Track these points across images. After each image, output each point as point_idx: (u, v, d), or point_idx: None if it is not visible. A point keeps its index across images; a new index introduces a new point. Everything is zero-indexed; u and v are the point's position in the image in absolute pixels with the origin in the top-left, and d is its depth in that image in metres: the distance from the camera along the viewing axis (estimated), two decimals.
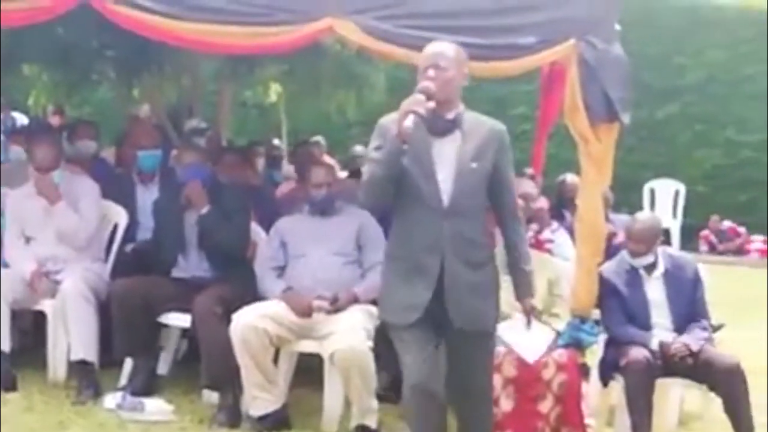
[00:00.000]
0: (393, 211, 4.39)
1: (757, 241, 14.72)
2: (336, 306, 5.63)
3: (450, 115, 4.29)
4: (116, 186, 6.97)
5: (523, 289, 4.47)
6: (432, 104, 4.13)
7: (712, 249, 14.66)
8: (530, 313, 4.49)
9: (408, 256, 4.33)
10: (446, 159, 4.27)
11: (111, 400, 5.81)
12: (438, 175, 4.26)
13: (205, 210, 6.11)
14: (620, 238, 6.29)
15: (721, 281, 5.97)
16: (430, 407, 4.32)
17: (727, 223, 14.91)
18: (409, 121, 4.06)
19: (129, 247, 6.71)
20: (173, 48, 7.52)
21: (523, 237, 4.52)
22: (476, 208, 4.32)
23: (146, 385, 5.98)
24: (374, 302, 5.74)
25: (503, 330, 4.83)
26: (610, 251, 6.01)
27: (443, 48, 4.33)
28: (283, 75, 11.78)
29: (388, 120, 4.27)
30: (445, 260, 4.24)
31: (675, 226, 13.77)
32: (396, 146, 4.12)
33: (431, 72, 4.21)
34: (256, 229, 6.49)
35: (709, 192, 15.32)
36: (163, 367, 6.40)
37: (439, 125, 4.28)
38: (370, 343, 5.44)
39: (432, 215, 4.25)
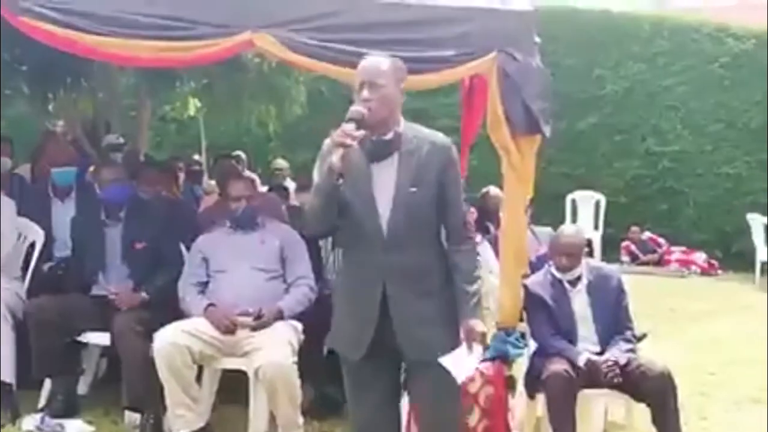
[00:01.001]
0: (338, 241, 4.24)
1: (677, 251, 14.92)
2: (260, 322, 5.59)
3: (388, 136, 3.97)
4: (32, 203, 6.84)
5: (463, 310, 4.06)
6: (362, 133, 3.81)
7: (634, 259, 14.83)
8: (470, 336, 4.02)
9: (352, 289, 4.12)
10: (384, 185, 3.97)
11: (30, 421, 5.73)
12: (377, 204, 3.97)
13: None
14: (543, 250, 6.30)
15: (641, 291, 6.01)
16: None
17: (647, 234, 15.09)
18: (336, 158, 3.77)
19: (46, 266, 6.58)
20: (89, 62, 7.42)
21: (468, 257, 4.12)
22: (421, 235, 4.02)
23: (66, 406, 5.88)
24: (298, 317, 5.73)
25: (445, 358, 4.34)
26: (533, 264, 6.01)
27: (378, 63, 4.00)
28: (203, 89, 11.73)
29: (329, 142, 3.94)
30: (388, 291, 3.98)
31: (596, 237, 13.89)
32: (329, 179, 3.82)
33: (365, 92, 3.90)
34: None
35: (629, 202, 15.49)
36: (83, 387, 6.29)
37: (376, 149, 3.97)
38: (295, 359, 5.39)
39: (372, 246, 3.98)
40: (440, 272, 4.09)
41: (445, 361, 4.00)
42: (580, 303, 5.57)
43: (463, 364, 4.04)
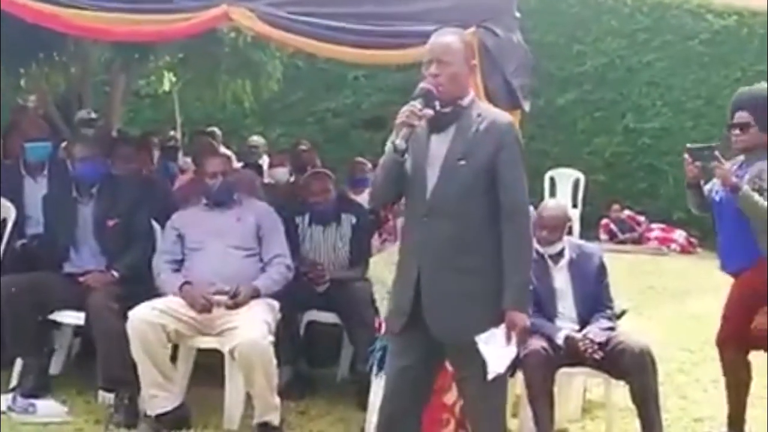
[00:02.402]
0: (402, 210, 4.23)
1: (656, 229, 14.94)
2: (236, 300, 5.52)
3: (447, 109, 4.00)
4: (3, 179, 6.73)
5: (505, 297, 3.93)
6: (428, 112, 3.91)
7: (613, 237, 14.84)
8: (511, 327, 3.91)
9: (400, 260, 4.14)
10: (437, 156, 4.00)
11: (1, 401, 5.62)
12: (427, 173, 4.00)
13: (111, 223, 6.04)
14: None
15: (620, 269, 6.00)
16: (397, 419, 4.15)
17: (626, 212, 15.10)
18: (401, 137, 3.88)
19: (18, 243, 6.49)
20: (62, 36, 7.31)
21: (518, 243, 3.95)
22: (466, 209, 3.95)
23: (38, 386, 5.79)
24: (275, 296, 5.67)
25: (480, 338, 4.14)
26: None
27: (448, 41, 4.06)
28: (178, 64, 11.64)
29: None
30: (424, 263, 3.99)
31: (575, 216, 13.88)
32: (392, 156, 3.95)
33: (434, 68, 3.98)
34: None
35: (608, 180, 15.50)
36: (56, 367, 6.23)
37: (435, 121, 4.00)
38: (272, 338, 5.33)
39: (416, 215, 4.03)
40: (486, 251, 3.98)
41: (481, 344, 3.87)
42: (561, 280, 5.54)
43: (498, 352, 3.90)
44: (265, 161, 10.49)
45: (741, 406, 5.62)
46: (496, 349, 3.89)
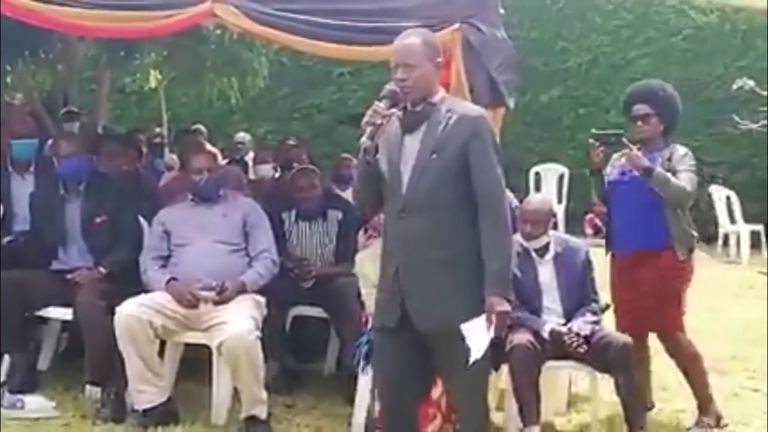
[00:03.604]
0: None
1: None
2: (222, 296, 5.55)
3: (418, 108, 4.10)
4: None
5: (485, 284, 3.99)
6: (392, 111, 4.02)
7: (597, 232, 14.85)
8: (490, 312, 3.96)
9: (381, 258, 4.23)
10: (410, 154, 4.08)
11: None
12: (402, 172, 4.08)
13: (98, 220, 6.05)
14: None
15: (605, 263, 6.05)
16: (393, 411, 4.26)
17: None
18: (366, 136, 3.98)
19: (5, 240, 6.49)
20: (48, 33, 7.31)
21: (494, 230, 4.01)
22: (441, 202, 4.03)
23: (26, 382, 5.81)
24: (261, 291, 5.69)
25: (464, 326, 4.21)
26: None
27: (410, 43, 4.14)
28: (164, 61, 11.62)
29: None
30: (404, 259, 4.07)
31: (560, 211, 13.92)
32: (363, 156, 4.07)
33: (400, 73, 4.05)
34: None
35: None
36: (43, 363, 6.24)
37: (407, 121, 4.11)
38: (258, 333, 5.35)
39: (395, 212, 4.10)
40: (464, 243, 4.05)
41: (465, 329, 3.95)
42: (546, 274, 5.59)
43: (480, 337, 3.97)
44: (251, 157, 10.50)
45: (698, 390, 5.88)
46: (478, 335, 3.96)
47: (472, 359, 3.95)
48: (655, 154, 5.81)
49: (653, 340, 6.01)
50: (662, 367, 6.19)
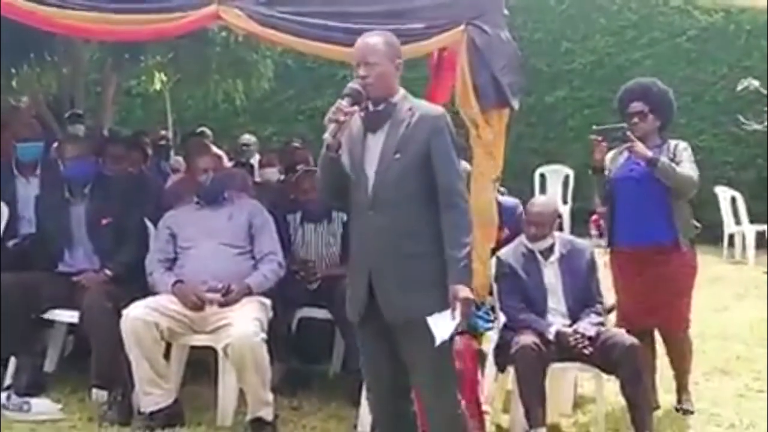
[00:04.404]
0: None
1: None
2: (228, 298, 5.55)
3: (380, 107, 4.22)
4: None
5: (449, 274, 4.10)
6: (354, 109, 4.13)
7: (603, 233, 14.84)
8: (453, 299, 4.05)
9: (351, 255, 4.39)
10: (374, 153, 4.21)
11: None
12: (366, 171, 4.21)
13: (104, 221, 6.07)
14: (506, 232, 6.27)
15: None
16: (384, 405, 4.41)
17: None
18: (329, 133, 4.09)
19: (11, 243, 6.50)
20: (53, 36, 7.32)
21: (454, 222, 4.15)
22: (406, 199, 4.16)
23: (32, 384, 5.82)
24: (267, 293, 5.70)
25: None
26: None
27: (372, 42, 4.25)
28: (169, 63, 11.64)
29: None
30: (372, 254, 4.20)
31: (565, 212, 13.90)
32: (325, 153, 4.17)
33: (361, 71, 4.17)
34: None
35: None
36: (49, 365, 6.26)
37: (370, 120, 4.23)
38: (264, 335, 5.36)
39: (361, 211, 4.24)
40: (429, 236, 4.17)
41: (430, 320, 4.07)
42: (551, 275, 5.59)
43: (443, 325, 4.07)
44: (256, 159, 10.51)
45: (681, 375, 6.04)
46: (443, 324, 4.08)
47: (437, 342, 4.07)
48: (655, 151, 5.86)
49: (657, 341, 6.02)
50: (670, 370, 6.18)
